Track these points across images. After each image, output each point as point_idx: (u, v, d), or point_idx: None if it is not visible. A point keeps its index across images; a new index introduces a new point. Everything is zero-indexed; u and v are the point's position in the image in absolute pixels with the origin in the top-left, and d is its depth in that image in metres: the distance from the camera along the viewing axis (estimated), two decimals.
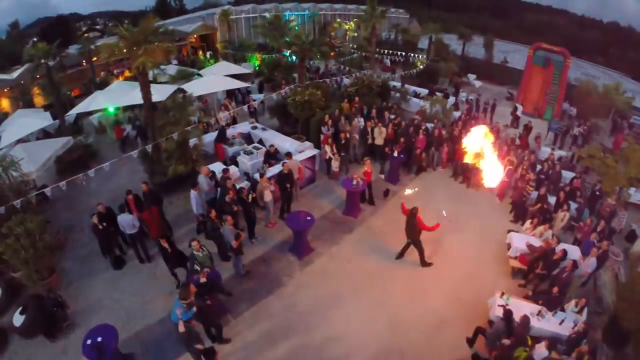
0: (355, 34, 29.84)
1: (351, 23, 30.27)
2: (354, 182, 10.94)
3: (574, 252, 9.53)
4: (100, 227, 8.89)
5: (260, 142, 13.95)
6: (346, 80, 19.35)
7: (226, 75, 17.70)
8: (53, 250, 8.88)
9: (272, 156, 12.19)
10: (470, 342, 7.70)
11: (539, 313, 7.70)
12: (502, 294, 8.08)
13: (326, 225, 10.99)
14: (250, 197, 9.79)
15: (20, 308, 7.55)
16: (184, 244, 9.14)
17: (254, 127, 14.65)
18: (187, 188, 10.35)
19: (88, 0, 37.54)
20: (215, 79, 16.97)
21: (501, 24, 40.44)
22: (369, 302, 8.67)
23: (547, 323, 7.66)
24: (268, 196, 10.22)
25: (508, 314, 7.17)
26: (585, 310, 7.84)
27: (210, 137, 13.75)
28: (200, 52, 27.05)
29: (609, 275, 10.02)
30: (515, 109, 19.64)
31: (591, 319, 7.99)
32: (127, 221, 9.09)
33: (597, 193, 11.79)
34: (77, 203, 11.72)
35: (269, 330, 7.93)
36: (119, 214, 9.16)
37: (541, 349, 6.86)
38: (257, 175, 11.15)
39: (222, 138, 13.39)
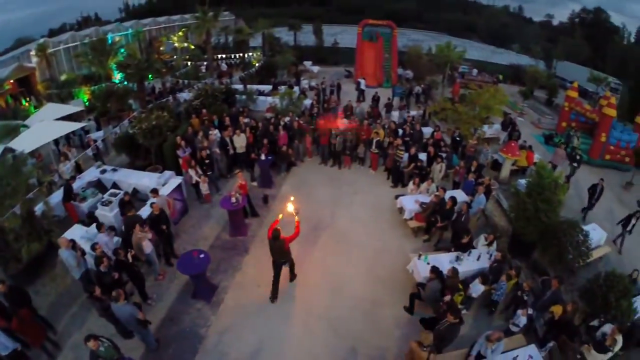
0: (185, 45, 28.87)
1: (179, 33, 29.16)
2: (234, 200, 10.25)
3: (459, 195, 10.67)
4: None
5: (115, 185, 12.12)
6: (187, 94, 18.42)
7: (57, 119, 15.11)
8: None
9: (130, 203, 10.60)
10: (409, 310, 8.03)
11: (458, 259, 8.39)
12: (420, 255, 8.52)
13: (219, 254, 10.09)
14: (129, 255, 8.29)
15: None
16: (74, 336, 7.80)
17: (103, 171, 12.62)
18: (50, 268, 9.09)
19: None
20: (45, 126, 14.23)
21: (323, 11, 44.52)
22: (299, 317, 8.28)
23: (467, 263, 8.44)
24: (148, 247, 8.86)
25: (437, 270, 7.56)
26: (495, 242, 8.83)
27: (57, 197, 11.39)
28: (23, 99, 22.64)
29: (491, 204, 11.58)
30: (359, 83, 21.37)
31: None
32: None
33: (458, 138, 13.50)
34: None
35: None
36: None
37: (477, 285, 7.58)
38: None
39: (69, 195, 11.17)
